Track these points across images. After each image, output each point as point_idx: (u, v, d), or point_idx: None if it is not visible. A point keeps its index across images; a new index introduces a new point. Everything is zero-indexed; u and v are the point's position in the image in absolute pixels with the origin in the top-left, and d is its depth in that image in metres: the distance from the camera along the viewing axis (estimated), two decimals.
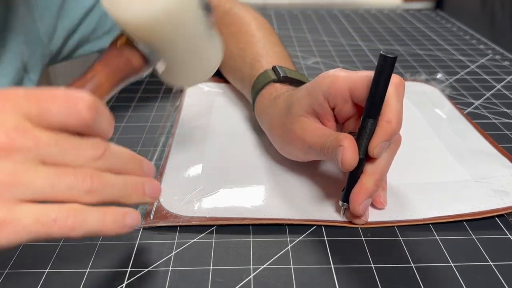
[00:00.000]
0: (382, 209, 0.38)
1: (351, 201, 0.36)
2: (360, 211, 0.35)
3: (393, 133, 0.34)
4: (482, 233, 0.36)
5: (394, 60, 0.33)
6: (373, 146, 0.34)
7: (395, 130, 0.34)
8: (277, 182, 0.42)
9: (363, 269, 0.33)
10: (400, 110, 0.35)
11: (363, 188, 0.35)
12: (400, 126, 0.35)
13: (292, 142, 0.40)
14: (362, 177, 0.36)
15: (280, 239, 0.36)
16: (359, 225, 0.37)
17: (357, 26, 0.96)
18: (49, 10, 0.52)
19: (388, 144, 0.35)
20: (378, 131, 0.34)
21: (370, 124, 0.34)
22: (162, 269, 0.33)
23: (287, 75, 0.47)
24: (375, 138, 0.34)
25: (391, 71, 0.33)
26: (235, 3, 0.66)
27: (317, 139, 0.37)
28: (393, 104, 0.35)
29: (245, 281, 0.32)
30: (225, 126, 0.52)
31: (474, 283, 0.32)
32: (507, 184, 0.41)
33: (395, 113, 0.34)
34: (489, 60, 0.74)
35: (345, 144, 0.34)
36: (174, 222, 0.37)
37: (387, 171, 0.37)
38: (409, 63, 0.73)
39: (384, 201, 0.38)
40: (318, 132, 0.38)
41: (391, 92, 0.35)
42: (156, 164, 0.45)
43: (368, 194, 0.35)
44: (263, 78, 0.48)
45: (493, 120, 0.54)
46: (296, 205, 0.39)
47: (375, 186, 0.35)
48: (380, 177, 0.36)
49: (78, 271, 0.33)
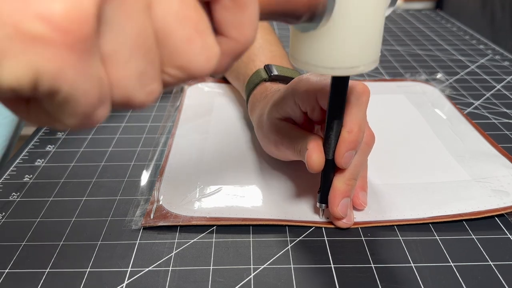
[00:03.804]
0: (361, 210, 0.38)
1: (329, 204, 0.36)
2: (339, 213, 0.36)
3: (355, 142, 0.34)
4: (482, 233, 0.36)
5: None
6: (339, 157, 0.34)
7: (357, 138, 0.34)
8: (277, 183, 0.42)
9: (363, 269, 0.33)
10: (361, 118, 0.35)
11: (336, 190, 0.36)
12: (362, 134, 0.35)
13: (271, 144, 0.41)
14: (333, 179, 0.36)
15: (280, 239, 0.36)
16: (359, 225, 0.37)
17: None
18: None
19: (355, 153, 0.35)
20: (340, 142, 0.34)
21: (335, 124, 0.34)
22: (162, 269, 0.33)
23: (278, 73, 0.47)
24: (338, 149, 0.34)
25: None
26: None
27: (289, 142, 0.38)
28: (354, 113, 0.35)
29: (245, 281, 0.32)
30: (225, 126, 0.52)
31: (474, 283, 0.32)
32: (507, 184, 0.41)
33: (355, 122, 0.34)
34: (489, 60, 0.74)
35: (309, 146, 0.35)
36: (174, 222, 0.37)
37: (358, 170, 0.37)
38: (409, 63, 0.73)
39: (364, 202, 0.38)
40: (292, 134, 0.38)
41: (352, 101, 0.35)
42: (156, 164, 0.45)
43: (341, 194, 0.35)
44: (255, 77, 0.48)
45: (493, 120, 0.54)
46: (296, 206, 0.39)
47: (346, 186, 0.36)
48: (351, 176, 0.36)
49: (78, 271, 0.33)
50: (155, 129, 0.53)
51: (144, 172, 0.44)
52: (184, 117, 0.54)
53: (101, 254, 0.34)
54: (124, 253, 0.34)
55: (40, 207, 0.39)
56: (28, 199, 0.40)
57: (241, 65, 0.54)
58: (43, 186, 0.42)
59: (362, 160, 0.37)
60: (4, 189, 0.42)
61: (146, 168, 0.45)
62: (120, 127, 0.53)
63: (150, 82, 0.20)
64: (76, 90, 0.17)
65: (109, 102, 0.19)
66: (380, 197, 0.40)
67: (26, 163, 0.46)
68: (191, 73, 0.21)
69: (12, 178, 0.43)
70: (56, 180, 0.43)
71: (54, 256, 0.34)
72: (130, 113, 0.56)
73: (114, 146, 0.49)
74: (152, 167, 0.45)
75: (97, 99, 0.19)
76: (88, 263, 0.33)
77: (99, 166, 0.45)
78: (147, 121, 0.54)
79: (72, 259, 0.34)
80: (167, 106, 0.58)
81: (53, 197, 0.41)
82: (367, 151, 0.38)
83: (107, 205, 0.40)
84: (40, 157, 0.47)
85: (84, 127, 0.20)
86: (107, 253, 0.34)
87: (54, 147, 0.49)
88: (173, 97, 0.60)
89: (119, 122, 0.54)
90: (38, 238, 0.36)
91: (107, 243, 0.35)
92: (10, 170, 0.45)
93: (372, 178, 0.42)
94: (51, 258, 0.34)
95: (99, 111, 0.19)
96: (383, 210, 0.38)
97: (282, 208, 0.39)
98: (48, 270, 0.33)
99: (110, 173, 0.44)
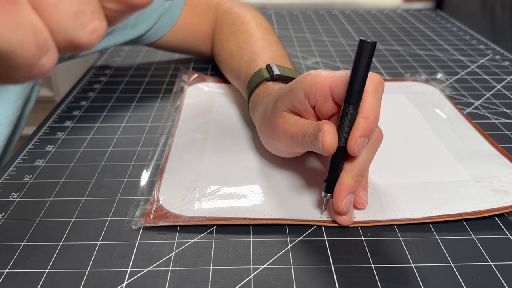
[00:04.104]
0: (362, 209, 0.38)
1: (334, 198, 0.36)
2: (343, 208, 0.35)
3: (370, 129, 0.34)
4: (482, 233, 0.36)
5: (373, 45, 0.33)
6: (352, 143, 0.34)
7: (372, 125, 0.34)
8: (277, 182, 0.42)
9: (363, 269, 0.33)
10: (377, 107, 0.35)
11: (343, 185, 0.36)
12: (376, 122, 0.35)
13: (275, 136, 0.40)
14: (341, 174, 0.36)
15: (280, 239, 0.36)
16: (359, 225, 0.37)
17: (357, 26, 0.96)
18: None
19: (367, 140, 0.35)
20: (355, 127, 0.34)
21: (351, 110, 0.34)
22: (162, 269, 0.33)
23: (279, 73, 0.47)
24: (353, 134, 0.34)
25: (371, 56, 0.33)
26: (235, 2, 0.66)
27: (298, 129, 0.37)
28: (370, 101, 0.35)
29: (245, 281, 0.32)
30: (225, 126, 0.52)
31: (474, 283, 0.32)
32: (507, 184, 0.41)
33: (371, 110, 0.35)
34: (489, 60, 0.74)
35: (325, 128, 0.34)
36: (174, 222, 0.37)
37: (366, 167, 0.37)
38: (409, 63, 0.73)
39: (365, 201, 0.38)
40: (300, 123, 0.38)
41: (369, 90, 0.35)
42: (156, 164, 0.45)
43: (348, 190, 0.35)
44: (257, 76, 0.48)
45: (493, 120, 0.54)
46: (297, 205, 0.39)
47: (354, 182, 0.36)
48: (359, 172, 0.36)
49: (78, 271, 0.33)
50: (155, 129, 0.53)
51: (144, 172, 0.44)
52: (184, 117, 0.54)
53: (101, 254, 0.34)
54: (124, 253, 0.34)
55: (40, 207, 0.39)
56: (28, 199, 0.40)
57: (242, 65, 0.54)
58: (43, 186, 0.42)
59: (370, 156, 0.37)
60: (4, 189, 0.42)
61: (146, 168, 0.45)
62: (120, 127, 0.53)
63: (89, 20, 0.20)
64: (9, 42, 0.17)
65: (53, 48, 0.19)
66: (380, 196, 0.40)
67: (26, 163, 0.46)
68: (129, 3, 0.21)
69: (12, 178, 0.43)
70: (56, 180, 0.43)
71: (54, 256, 0.34)
72: (130, 113, 0.57)
73: (114, 146, 0.49)
74: (152, 167, 0.45)
75: (36, 48, 0.18)
76: (88, 263, 0.33)
77: (99, 166, 0.45)
78: (147, 121, 0.54)
79: (72, 259, 0.34)
80: (167, 106, 0.58)
81: (53, 197, 0.41)
82: (376, 147, 0.37)
83: (107, 205, 0.40)
84: (40, 157, 0.47)
85: (35, 78, 0.19)
86: (107, 253, 0.34)
87: (54, 147, 0.49)
88: (173, 97, 0.60)
89: (119, 122, 0.54)
90: (38, 238, 0.36)
91: (107, 243, 0.35)
92: (10, 170, 0.45)
93: (373, 177, 0.42)
94: (51, 258, 0.34)
95: (45, 60, 0.19)
96: (383, 210, 0.38)
97: (282, 208, 0.39)
98: (48, 270, 0.33)
99: (110, 173, 0.44)
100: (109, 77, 0.68)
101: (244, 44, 0.57)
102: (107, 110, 0.57)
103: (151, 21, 0.62)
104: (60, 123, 0.54)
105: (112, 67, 0.72)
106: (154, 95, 0.62)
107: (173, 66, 0.72)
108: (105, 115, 0.56)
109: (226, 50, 0.60)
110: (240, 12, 0.63)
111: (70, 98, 0.61)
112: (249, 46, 0.56)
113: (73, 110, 0.57)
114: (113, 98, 0.61)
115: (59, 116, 0.56)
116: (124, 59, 0.76)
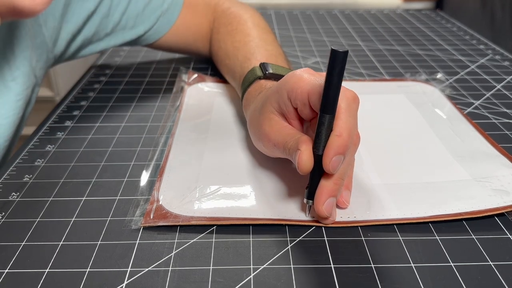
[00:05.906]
0: (344, 208, 0.38)
1: (315, 202, 0.36)
2: (324, 211, 0.36)
3: (344, 146, 0.34)
4: (482, 233, 0.36)
5: (345, 54, 0.33)
6: (328, 161, 0.34)
7: (346, 143, 0.34)
8: (276, 182, 0.42)
9: (363, 269, 0.33)
10: (351, 124, 0.35)
11: (323, 188, 0.36)
12: (350, 140, 0.35)
13: (261, 139, 0.41)
14: (322, 178, 0.36)
15: (280, 239, 0.36)
16: (359, 225, 0.37)
17: (357, 26, 0.96)
18: (53, 15, 0.53)
19: (343, 158, 0.35)
20: (329, 145, 0.34)
21: (327, 120, 0.34)
22: (162, 269, 0.33)
23: (272, 71, 0.47)
24: (327, 152, 0.34)
25: (343, 65, 0.33)
26: (233, 2, 0.66)
27: (280, 139, 0.38)
28: (344, 118, 0.35)
29: (245, 281, 0.32)
30: (225, 125, 0.52)
31: (474, 283, 0.32)
32: (507, 183, 0.41)
33: (344, 127, 0.34)
34: (489, 60, 0.74)
35: (302, 148, 0.35)
36: (174, 222, 0.37)
37: (346, 171, 0.37)
38: (409, 63, 0.73)
39: (346, 200, 0.38)
40: (283, 131, 0.38)
41: (342, 107, 0.35)
42: (156, 164, 0.45)
43: (328, 193, 0.35)
44: (250, 75, 0.49)
45: (493, 120, 0.54)
46: (296, 205, 0.39)
47: (334, 185, 0.36)
48: (339, 175, 0.36)
49: (78, 271, 0.33)
50: (155, 129, 0.53)
51: (144, 172, 0.44)
52: (184, 117, 0.54)
53: (101, 254, 0.34)
54: (124, 253, 0.34)
55: (40, 207, 0.39)
56: (28, 199, 0.40)
57: (237, 64, 0.54)
58: (43, 186, 0.42)
59: (349, 160, 0.37)
60: (4, 189, 0.42)
61: (146, 168, 0.45)
62: (120, 127, 0.53)
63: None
64: None
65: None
66: (380, 196, 0.40)
67: (26, 163, 0.46)
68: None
69: (12, 178, 0.43)
70: (56, 180, 0.43)
71: (54, 256, 0.34)
72: (130, 113, 0.57)
73: (114, 146, 0.49)
74: (152, 167, 0.45)
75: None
76: (88, 263, 0.33)
77: (99, 166, 0.45)
78: (147, 121, 0.54)
79: (72, 259, 0.34)
80: (167, 106, 0.58)
81: (53, 197, 0.41)
82: (354, 151, 0.38)
83: (107, 205, 0.40)
84: (40, 157, 0.47)
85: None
86: (106, 253, 0.34)
87: (54, 147, 0.49)
88: (173, 97, 0.60)
89: (119, 122, 0.54)
90: (38, 238, 0.36)
91: (107, 243, 0.35)
92: (10, 170, 0.45)
93: (373, 177, 0.42)
94: (51, 258, 0.34)
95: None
96: (383, 209, 0.38)
97: (282, 208, 0.39)
98: (48, 270, 0.33)
99: (110, 173, 0.44)
100: (109, 77, 0.68)
101: (240, 44, 0.57)
102: (107, 110, 0.57)
103: (150, 22, 0.62)
104: (60, 123, 0.54)
105: (112, 67, 0.72)
106: (154, 95, 0.62)
107: (173, 66, 0.72)
108: (105, 115, 0.56)
109: (223, 51, 0.60)
110: (238, 12, 0.63)
111: (70, 98, 0.61)
112: (245, 46, 0.56)
113: (73, 110, 0.57)
114: (113, 98, 0.61)
115: (59, 116, 0.56)
116: (124, 59, 0.76)
